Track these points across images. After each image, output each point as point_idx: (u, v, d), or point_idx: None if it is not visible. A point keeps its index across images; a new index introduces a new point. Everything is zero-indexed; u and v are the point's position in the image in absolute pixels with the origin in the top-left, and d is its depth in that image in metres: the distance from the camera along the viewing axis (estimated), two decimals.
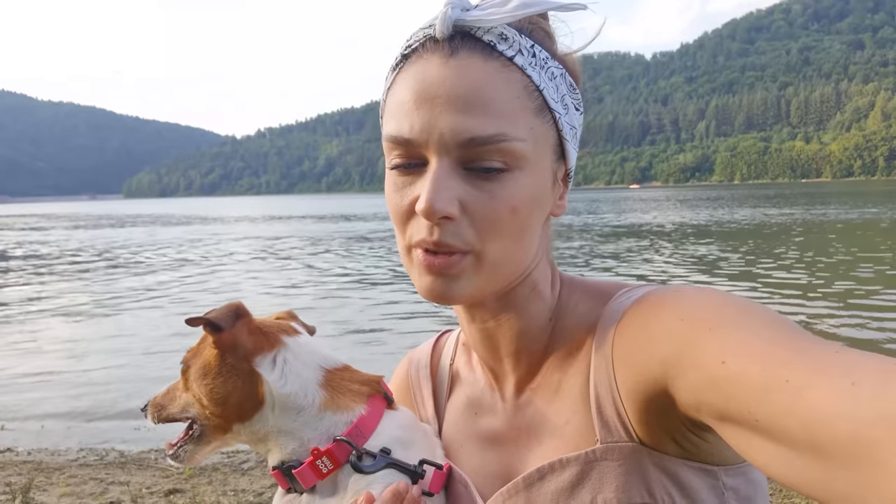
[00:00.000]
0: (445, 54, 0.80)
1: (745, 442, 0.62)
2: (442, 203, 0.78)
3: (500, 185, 0.80)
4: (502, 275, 0.86)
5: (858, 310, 10.62)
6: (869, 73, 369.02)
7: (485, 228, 0.81)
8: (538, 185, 0.84)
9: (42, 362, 9.53)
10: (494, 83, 0.79)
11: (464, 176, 0.80)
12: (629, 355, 0.80)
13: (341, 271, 18.75)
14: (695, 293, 0.78)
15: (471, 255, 0.82)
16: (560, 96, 0.85)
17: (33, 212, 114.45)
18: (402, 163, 0.83)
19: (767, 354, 0.61)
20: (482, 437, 1.00)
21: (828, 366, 0.55)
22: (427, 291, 0.85)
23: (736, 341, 0.65)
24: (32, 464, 5.90)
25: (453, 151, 0.79)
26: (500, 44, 0.81)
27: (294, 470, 0.93)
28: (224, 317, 0.94)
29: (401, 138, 0.81)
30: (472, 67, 0.79)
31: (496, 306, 0.93)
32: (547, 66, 0.84)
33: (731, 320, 0.68)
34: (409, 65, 0.83)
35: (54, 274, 20.57)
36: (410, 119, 0.80)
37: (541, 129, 0.83)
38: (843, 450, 0.50)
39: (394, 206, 0.86)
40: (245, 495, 5.01)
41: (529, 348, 0.95)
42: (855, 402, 0.50)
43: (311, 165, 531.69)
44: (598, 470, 0.83)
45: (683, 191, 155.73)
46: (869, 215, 35.33)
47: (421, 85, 0.80)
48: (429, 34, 0.83)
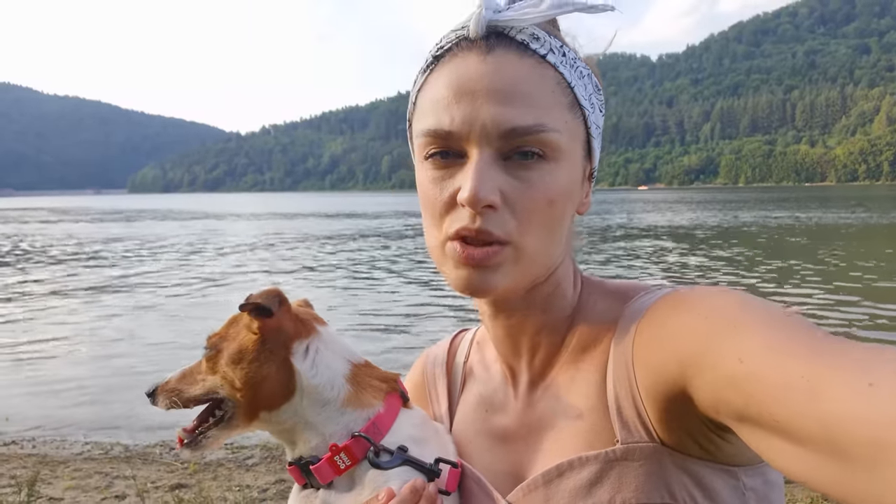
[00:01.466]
0: (482, 52, 0.82)
1: (766, 443, 0.62)
2: (486, 191, 0.79)
3: (538, 176, 0.82)
4: (537, 268, 0.88)
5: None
6: (875, 78, 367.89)
7: (524, 220, 0.82)
8: (572, 179, 0.86)
9: (49, 355, 9.55)
10: (531, 78, 0.82)
11: (503, 167, 0.82)
12: (649, 355, 0.81)
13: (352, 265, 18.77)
14: (714, 293, 0.78)
15: (510, 247, 0.83)
16: (588, 95, 0.88)
17: (40, 205, 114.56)
18: (440, 150, 0.84)
19: (786, 354, 0.61)
20: (493, 435, 1.01)
21: (846, 366, 0.55)
22: (464, 283, 0.85)
23: (754, 341, 0.65)
24: (37, 457, 5.92)
25: (494, 142, 0.81)
26: (532, 42, 0.83)
27: (312, 466, 0.93)
28: (272, 301, 0.94)
29: (441, 131, 0.83)
30: (509, 63, 0.82)
31: (521, 303, 0.94)
32: (576, 65, 0.87)
33: (750, 320, 0.68)
34: (443, 65, 0.86)
35: (60, 264, 20.60)
36: (451, 112, 0.82)
37: (573, 123, 0.85)
38: (863, 452, 0.50)
39: (431, 198, 0.87)
40: (250, 491, 5.01)
41: (547, 346, 0.96)
42: (873, 404, 0.50)
43: (316, 163, 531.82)
44: (617, 470, 0.83)
45: (691, 192, 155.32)
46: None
47: (459, 80, 0.82)
48: (461, 35, 0.85)
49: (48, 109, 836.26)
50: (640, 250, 21.74)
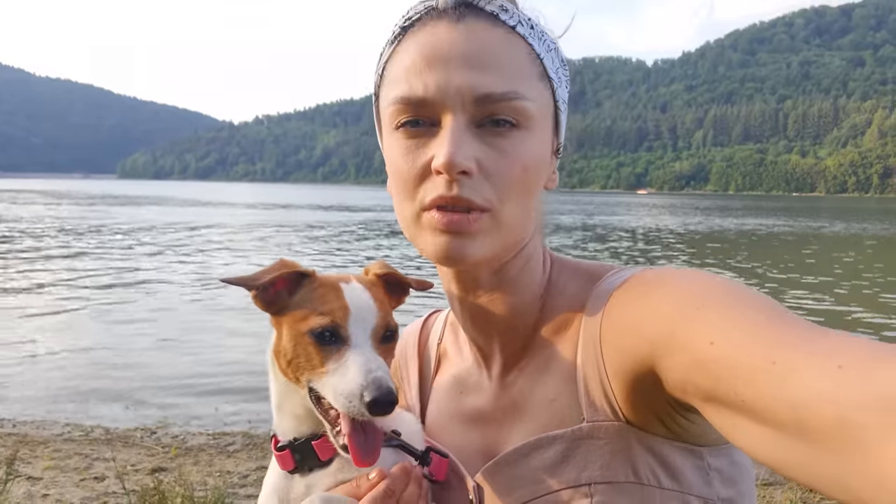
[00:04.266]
0: (453, 20, 0.82)
1: (731, 423, 0.62)
2: (462, 157, 0.78)
3: (510, 143, 0.82)
4: (513, 237, 0.87)
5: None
6: (868, 91, 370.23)
7: (500, 186, 0.82)
8: (543, 148, 0.87)
9: (32, 337, 9.50)
10: (503, 46, 0.83)
11: (477, 134, 0.82)
12: (617, 335, 0.81)
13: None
14: (683, 274, 0.78)
15: (489, 214, 0.83)
16: (555, 68, 0.89)
17: (30, 187, 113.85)
18: (411, 119, 0.83)
19: (755, 336, 0.60)
20: (466, 416, 1.01)
21: (815, 348, 0.55)
22: (442, 251, 0.84)
23: (724, 323, 0.64)
24: (17, 436, 5.90)
25: (469, 107, 0.80)
26: (501, 14, 0.84)
27: (314, 442, 0.94)
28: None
29: (414, 97, 0.82)
30: (482, 30, 0.82)
31: (490, 280, 0.93)
32: (544, 38, 0.88)
33: (720, 302, 0.68)
34: (412, 34, 0.85)
35: (41, 250, 20.47)
36: (424, 79, 0.81)
37: (543, 94, 0.86)
38: (829, 433, 0.50)
39: (403, 170, 0.85)
40: (230, 476, 5.02)
41: (518, 326, 0.95)
42: (841, 386, 0.50)
43: (308, 155, 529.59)
44: (583, 448, 0.84)
45: (682, 198, 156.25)
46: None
47: (431, 48, 0.82)
48: (430, 6, 0.85)
49: (39, 91, 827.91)
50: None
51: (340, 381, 0.85)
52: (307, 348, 0.89)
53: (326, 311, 0.89)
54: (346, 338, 0.88)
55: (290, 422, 0.98)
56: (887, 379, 0.48)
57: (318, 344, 0.88)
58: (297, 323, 0.91)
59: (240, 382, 7.62)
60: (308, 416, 0.95)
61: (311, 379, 0.90)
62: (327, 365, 0.87)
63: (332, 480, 0.95)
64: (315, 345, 0.88)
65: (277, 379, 0.98)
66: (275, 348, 0.96)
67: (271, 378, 1.00)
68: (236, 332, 9.90)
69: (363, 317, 0.90)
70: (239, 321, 10.49)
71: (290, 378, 0.94)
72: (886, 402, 0.47)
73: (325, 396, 0.88)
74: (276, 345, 0.96)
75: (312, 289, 0.93)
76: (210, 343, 9.52)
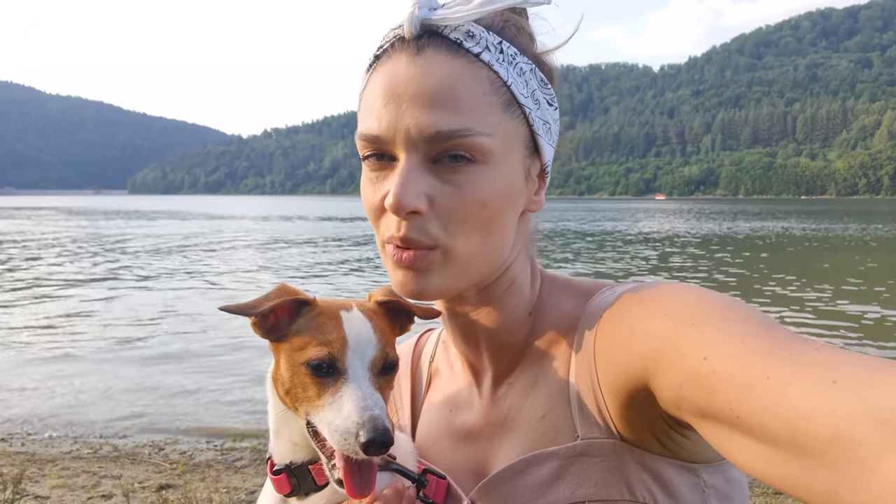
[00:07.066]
0: (412, 53, 0.82)
1: (726, 439, 0.62)
2: (409, 198, 0.79)
3: (467, 179, 0.81)
4: (473, 270, 0.87)
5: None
6: (876, 92, 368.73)
7: (452, 223, 0.82)
8: (508, 180, 0.85)
9: (41, 354, 9.51)
10: (460, 79, 0.81)
11: (432, 171, 0.82)
12: (611, 351, 0.80)
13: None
14: (677, 290, 0.78)
15: (438, 251, 0.83)
16: (530, 91, 0.86)
17: (41, 204, 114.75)
18: (374, 152, 0.85)
19: (749, 351, 0.60)
20: (457, 433, 1.01)
21: (809, 363, 0.55)
22: (400, 286, 0.87)
23: (718, 338, 0.64)
24: (25, 455, 5.89)
25: (420, 146, 0.81)
26: (466, 41, 0.82)
27: (311, 466, 0.94)
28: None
29: (370, 135, 0.83)
30: (438, 65, 0.81)
31: (476, 299, 0.94)
32: (515, 61, 0.85)
33: (714, 317, 0.68)
34: (380, 65, 0.86)
35: (48, 259, 20.55)
36: (379, 116, 0.82)
37: (510, 124, 0.84)
38: (824, 448, 0.50)
39: (367, 201, 0.88)
40: (237, 493, 5.01)
41: (508, 342, 0.95)
42: (836, 401, 0.50)
43: (317, 167, 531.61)
44: (578, 465, 0.83)
45: (698, 203, 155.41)
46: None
47: (389, 84, 0.82)
48: (398, 34, 0.85)
49: (50, 109, 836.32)
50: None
51: (336, 416, 0.83)
52: (304, 379, 0.87)
53: (324, 341, 0.87)
54: (343, 370, 0.86)
55: (287, 447, 0.97)
56: (881, 394, 0.48)
57: (315, 376, 0.86)
58: (295, 352, 0.89)
59: (246, 396, 7.60)
60: (305, 444, 0.94)
61: (308, 411, 0.88)
62: (323, 398, 0.85)
63: (326, 503, 0.95)
64: (311, 376, 0.86)
65: (276, 405, 0.97)
66: (273, 375, 0.95)
67: (270, 403, 0.99)
68: (243, 346, 9.88)
69: (362, 348, 0.87)
70: (249, 334, 10.43)
71: (288, 406, 0.93)
72: (881, 417, 0.47)
73: (321, 431, 0.86)
74: (274, 371, 0.95)
75: (312, 317, 0.91)
76: (219, 358, 9.50)
